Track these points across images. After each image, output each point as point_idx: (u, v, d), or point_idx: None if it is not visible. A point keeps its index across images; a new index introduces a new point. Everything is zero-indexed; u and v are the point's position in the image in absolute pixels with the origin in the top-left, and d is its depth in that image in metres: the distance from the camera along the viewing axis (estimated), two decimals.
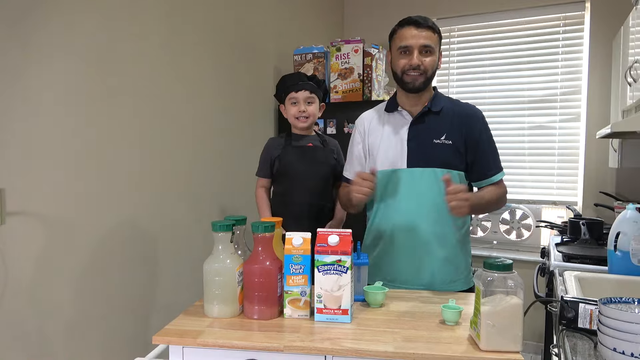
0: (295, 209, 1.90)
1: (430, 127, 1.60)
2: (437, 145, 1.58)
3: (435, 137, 1.59)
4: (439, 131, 1.59)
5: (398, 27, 1.60)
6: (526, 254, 3.17)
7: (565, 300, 1.21)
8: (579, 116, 3.14)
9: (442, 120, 1.60)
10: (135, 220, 1.84)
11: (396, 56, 1.60)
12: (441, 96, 1.67)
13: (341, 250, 1.21)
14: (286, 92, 1.92)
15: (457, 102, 1.68)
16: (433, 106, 1.61)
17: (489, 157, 1.62)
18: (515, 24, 3.30)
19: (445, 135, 1.58)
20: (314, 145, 1.96)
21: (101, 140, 1.69)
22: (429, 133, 1.60)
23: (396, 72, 1.61)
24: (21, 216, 1.44)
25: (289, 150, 1.94)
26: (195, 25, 2.13)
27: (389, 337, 1.11)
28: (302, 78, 1.92)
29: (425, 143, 1.59)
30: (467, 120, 1.61)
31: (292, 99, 1.91)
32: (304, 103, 1.90)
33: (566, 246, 2.21)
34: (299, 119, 1.91)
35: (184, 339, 1.13)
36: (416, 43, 1.54)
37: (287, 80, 1.94)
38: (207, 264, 1.27)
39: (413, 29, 1.55)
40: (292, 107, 1.91)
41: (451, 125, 1.59)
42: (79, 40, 1.60)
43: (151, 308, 1.92)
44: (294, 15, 3.05)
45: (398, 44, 1.58)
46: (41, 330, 1.50)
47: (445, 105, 1.63)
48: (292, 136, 1.97)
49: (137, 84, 1.83)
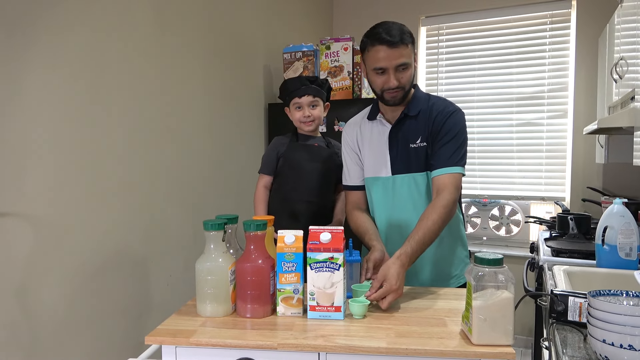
0: (296, 207, 1.90)
1: (407, 132, 1.58)
2: (413, 149, 1.57)
3: (412, 141, 1.57)
4: (415, 135, 1.57)
5: (368, 44, 1.50)
6: (515, 249, 3.20)
7: (555, 293, 1.22)
8: (566, 113, 3.18)
9: (418, 124, 1.58)
10: (127, 220, 1.83)
11: (371, 74, 1.53)
12: (420, 97, 1.62)
13: (333, 247, 1.21)
14: (290, 97, 1.92)
15: (435, 100, 1.62)
16: (410, 111, 1.58)
17: (444, 149, 1.53)
18: (503, 22, 3.33)
19: (420, 137, 1.57)
20: (319, 145, 1.97)
21: (91, 141, 1.67)
22: (406, 138, 1.58)
23: (374, 89, 1.56)
24: (11, 217, 1.42)
25: (296, 147, 1.94)
26: (183, 24, 2.12)
27: (382, 333, 1.12)
28: (304, 82, 1.92)
29: (403, 149, 1.58)
30: (436, 117, 1.56)
31: (296, 104, 1.91)
32: (308, 107, 1.91)
33: (555, 241, 2.24)
34: (305, 124, 1.92)
35: (176, 339, 1.12)
36: (391, 64, 1.47)
37: (289, 85, 1.94)
38: (199, 263, 1.27)
39: (386, 49, 1.45)
40: (297, 112, 1.92)
41: (424, 127, 1.57)
42: (71, 41, 1.58)
43: (143, 308, 1.91)
44: (283, 13, 3.04)
45: (372, 65, 1.50)
46: (32, 331, 1.48)
47: (422, 107, 1.59)
48: (298, 136, 1.97)
49: (127, 85, 1.82)
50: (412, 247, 1.38)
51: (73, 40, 1.60)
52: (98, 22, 1.69)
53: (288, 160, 1.93)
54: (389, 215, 1.62)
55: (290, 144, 1.95)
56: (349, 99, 2.65)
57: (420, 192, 1.58)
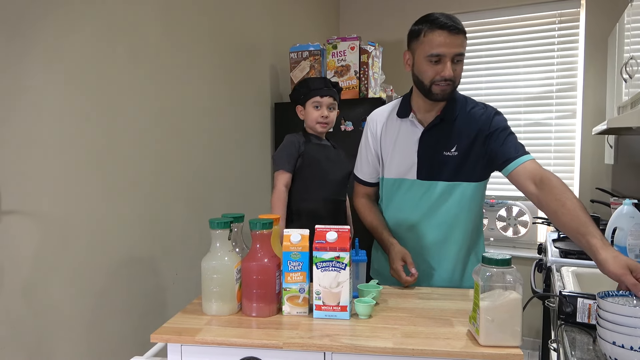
0: (314, 206, 1.91)
1: (441, 138, 1.51)
2: (446, 157, 1.50)
3: (445, 149, 1.49)
4: (450, 142, 1.49)
5: (427, 29, 1.41)
6: (523, 250, 3.18)
7: (563, 295, 1.21)
8: (574, 113, 3.15)
9: (454, 130, 1.50)
10: (132, 218, 1.83)
11: (423, 63, 1.43)
12: (458, 100, 1.54)
13: (339, 246, 1.21)
14: (310, 95, 1.92)
15: (473, 105, 1.55)
16: (446, 115, 1.51)
17: (507, 142, 1.45)
18: (511, 21, 3.30)
19: (456, 146, 1.49)
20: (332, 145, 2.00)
21: (97, 139, 1.68)
22: (439, 145, 1.50)
23: (422, 81, 1.45)
24: (17, 215, 1.43)
25: (313, 147, 1.94)
26: (190, 24, 2.12)
27: (388, 333, 1.11)
28: (328, 84, 1.94)
29: (435, 155, 1.51)
30: (480, 125, 1.49)
31: (316, 103, 1.91)
32: (327, 108, 1.91)
33: (563, 242, 2.22)
34: (320, 124, 1.92)
35: (182, 337, 1.12)
36: (450, 52, 1.38)
37: (311, 83, 1.94)
38: (204, 262, 1.26)
39: (446, 35, 1.37)
40: (315, 110, 1.92)
41: (462, 135, 1.49)
42: (77, 39, 1.58)
43: (149, 306, 1.91)
44: (290, 12, 3.04)
45: (428, 51, 1.40)
46: (38, 329, 1.49)
47: (459, 114, 1.51)
48: (310, 135, 1.98)
49: (133, 84, 1.82)
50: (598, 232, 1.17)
51: (79, 40, 1.61)
52: (106, 21, 1.70)
53: (309, 159, 1.91)
54: (404, 219, 1.58)
55: (309, 144, 1.95)
56: (355, 98, 2.64)
57: (446, 201, 1.52)
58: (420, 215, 1.56)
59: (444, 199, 1.53)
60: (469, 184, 1.52)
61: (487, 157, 1.49)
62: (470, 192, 1.53)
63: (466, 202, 1.54)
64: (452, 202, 1.53)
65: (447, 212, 1.54)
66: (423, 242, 1.57)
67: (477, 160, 1.50)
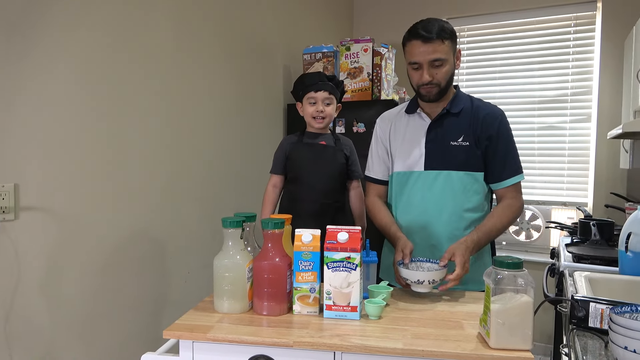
0: (303, 207, 1.90)
1: (448, 128, 1.59)
2: (454, 147, 1.57)
3: (453, 139, 1.57)
4: (457, 133, 1.57)
5: (406, 39, 1.54)
6: (535, 254, 3.15)
7: (575, 299, 1.20)
8: (589, 116, 3.12)
9: (461, 122, 1.58)
10: (147, 216, 1.85)
11: (408, 69, 1.57)
12: (462, 96, 1.63)
13: (350, 247, 1.21)
14: (305, 91, 1.92)
15: (479, 101, 1.64)
16: (452, 108, 1.59)
17: (504, 159, 1.58)
18: (526, 23, 3.28)
19: (463, 136, 1.57)
20: (326, 144, 1.96)
21: (113, 138, 1.70)
22: (447, 135, 1.58)
23: (411, 84, 1.60)
24: (34, 211, 1.46)
25: (299, 148, 1.94)
26: (204, 26, 2.15)
27: (398, 334, 1.11)
28: (322, 78, 1.92)
29: (443, 145, 1.58)
30: (484, 119, 1.57)
31: (311, 99, 1.91)
32: (322, 103, 1.91)
33: (576, 247, 2.20)
34: (316, 119, 1.92)
35: (194, 334, 1.14)
36: (424, 59, 1.49)
37: (306, 79, 1.94)
38: (217, 260, 1.28)
39: (420, 44, 1.49)
40: (310, 106, 1.92)
41: (469, 126, 1.57)
42: (94, 40, 1.61)
43: (162, 303, 1.94)
44: (303, 14, 3.05)
45: (408, 59, 1.55)
46: (53, 324, 1.52)
47: (465, 106, 1.60)
48: (305, 134, 1.97)
49: (148, 85, 1.85)
50: (478, 236, 1.47)
51: (94, 43, 1.64)
52: (121, 23, 1.73)
53: (292, 161, 1.94)
54: (416, 210, 1.60)
55: (296, 144, 1.95)
56: (368, 100, 2.65)
57: (454, 190, 1.57)
58: (429, 206, 1.59)
59: (452, 189, 1.57)
60: (475, 174, 1.58)
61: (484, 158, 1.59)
62: (477, 181, 1.58)
63: (473, 191, 1.58)
64: (459, 192, 1.57)
65: (455, 202, 1.57)
66: (432, 234, 1.59)
67: (480, 152, 1.58)
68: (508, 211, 1.57)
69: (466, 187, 1.57)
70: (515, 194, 1.60)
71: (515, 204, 1.59)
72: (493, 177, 1.60)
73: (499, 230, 1.55)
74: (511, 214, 1.58)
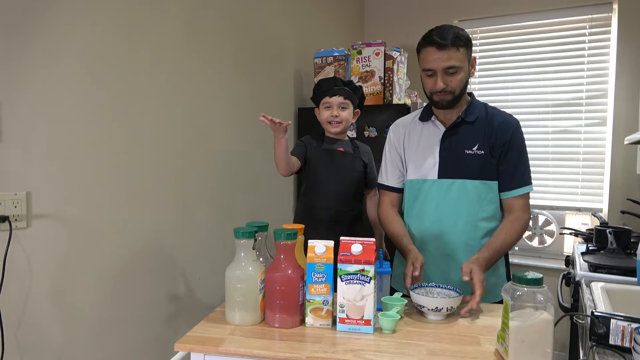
0: (318, 213, 1.88)
1: (462, 137, 1.57)
2: (468, 155, 1.55)
3: (467, 147, 1.56)
4: (471, 141, 1.56)
5: (421, 45, 1.53)
6: (549, 261, 3.10)
7: (596, 315, 1.17)
8: (605, 120, 3.06)
9: (475, 130, 1.57)
10: (159, 225, 1.85)
11: (422, 76, 1.55)
12: (477, 104, 1.62)
13: (364, 259, 1.19)
14: (321, 97, 1.91)
15: (494, 110, 1.63)
16: (467, 116, 1.57)
17: (514, 168, 1.56)
18: (540, 25, 3.23)
19: (478, 145, 1.55)
20: (344, 150, 1.94)
21: (124, 145, 1.70)
22: (461, 143, 1.57)
23: (425, 91, 1.58)
24: (46, 219, 1.45)
25: (318, 152, 1.93)
26: (216, 29, 2.14)
27: (414, 350, 1.09)
28: (338, 83, 1.91)
29: (457, 153, 1.56)
30: (499, 127, 1.56)
31: (326, 104, 1.90)
32: (337, 108, 1.90)
33: (592, 255, 2.15)
34: (331, 124, 1.91)
35: (205, 347, 1.13)
36: (439, 66, 1.48)
37: (322, 84, 1.93)
38: (229, 271, 1.27)
39: (435, 51, 1.47)
40: (325, 111, 1.91)
41: (484, 135, 1.56)
42: (102, 45, 1.61)
43: (173, 313, 1.93)
44: (315, 18, 3.03)
45: (422, 65, 1.53)
46: (65, 332, 1.51)
47: (480, 115, 1.58)
48: (324, 139, 1.96)
49: (159, 90, 1.84)
50: (489, 254, 1.47)
51: (103, 47, 1.63)
52: (130, 30, 1.72)
53: (309, 165, 1.92)
54: (430, 218, 1.59)
55: (315, 148, 1.93)
56: (379, 104, 2.62)
57: (469, 199, 1.55)
58: (443, 215, 1.57)
59: (466, 198, 1.55)
60: (490, 183, 1.56)
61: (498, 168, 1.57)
62: (492, 190, 1.57)
63: (488, 200, 1.56)
64: (474, 201, 1.55)
65: (470, 210, 1.55)
66: (447, 244, 1.57)
67: (495, 160, 1.56)
68: (517, 225, 1.55)
69: (481, 196, 1.56)
70: (523, 205, 1.58)
71: (523, 217, 1.57)
72: (502, 185, 1.57)
73: (508, 246, 1.55)
74: (520, 228, 1.56)
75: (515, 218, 1.55)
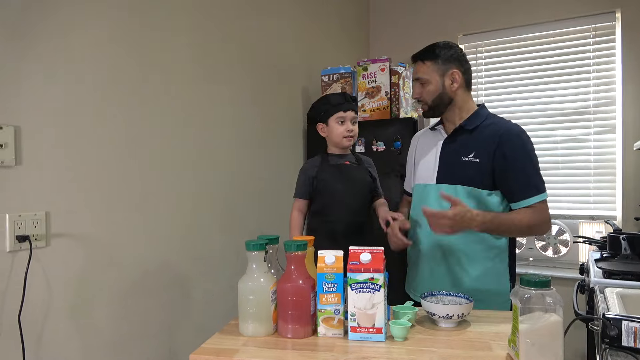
0: (333, 227, 1.91)
1: (460, 144, 1.62)
2: (464, 162, 1.59)
3: (464, 154, 1.60)
4: (469, 149, 1.60)
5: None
6: (564, 270, 3.07)
7: (607, 317, 1.17)
8: (614, 127, 3.06)
9: (474, 139, 1.60)
10: (172, 241, 1.89)
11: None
12: (482, 113, 1.65)
13: (374, 267, 1.21)
14: (332, 111, 1.94)
15: (497, 119, 1.65)
16: (467, 124, 1.62)
17: (520, 178, 1.55)
18: (543, 37, 3.26)
19: (474, 153, 1.58)
20: (350, 163, 1.98)
21: (138, 164, 1.75)
22: (459, 150, 1.61)
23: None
24: (65, 238, 1.50)
25: (326, 169, 1.96)
26: (223, 48, 2.20)
27: (425, 357, 1.10)
28: (348, 98, 1.96)
29: (454, 160, 1.62)
30: (499, 139, 1.56)
31: (340, 118, 1.94)
32: (351, 123, 1.94)
33: (606, 262, 2.14)
34: (347, 138, 1.94)
35: (220, 358, 1.14)
36: (415, 77, 1.67)
37: (332, 99, 1.97)
38: (241, 283, 1.29)
39: (415, 64, 1.68)
40: (340, 126, 1.94)
41: (482, 144, 1.58)
42: (117, 67, 1.67)
43: (187, 326, 1.95)
44: (321, 36, 3.10)
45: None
46: (83, 349, 1.54)
47: (481, 124, 1.61)
48: (329, 156, 1.99)
49: (169, 108, 1.90)
50: (491, 216, 1.50)
51: (113, 65, 1.69)
52: (145, 49, 1.79)
53: (321, 182, 1.95)
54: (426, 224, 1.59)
55: (322, 166, 1.96)
56: (386, 118, 2.66)
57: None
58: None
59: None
60: (484, 191, 1.57)
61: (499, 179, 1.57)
62: (483, 199, 1.57)
63: (480, 209, 1.56)
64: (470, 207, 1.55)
65: None
66: (446, 249, 1.60)
67: (493, 170, 1.57)
68: (532, 215, 1.54)
69: (471, 204, 1.56)
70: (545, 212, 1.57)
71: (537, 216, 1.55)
72: (511, 196, 1.58)
73: (515, 226, 1.53)
74: (534, 218, 1.54)
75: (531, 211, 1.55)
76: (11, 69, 1.35)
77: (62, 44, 1.49)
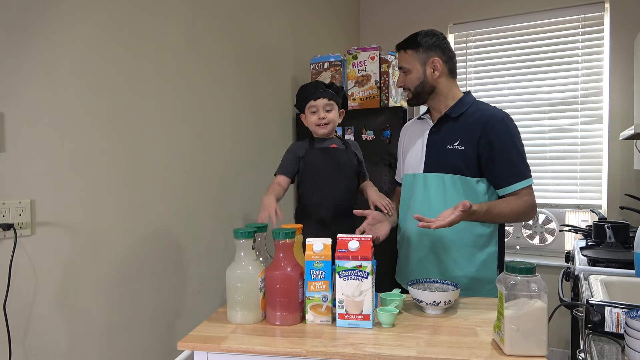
0: (320, 211, 1.90)
1: (445, 132, 1.62)
2: (449, 150, 1.59)
3: (450, 142, 1.60)
4: (454, 137, 1.60)
5: None
6: (550, 259, 3.12)
7: (591, 303, 1.19)
8: (601, 118, 3.09)
9: (459, 126, 1.60)
10: (160, 228, 1.88)
11: None
12: (467, 101, 1.64)
13: (362, 255, 1.22)
14: (305, 101, 1.94)
15: (482, 105, 1.65)
16: (452, 112, 1.62)
17: (504, 165, 1.55)
18: (533, 27, 3.27)
19: (459, 141, 1.58)
20: (337, 146, 1.97)
21: (127, 152, 1.73)
22: (445, 138, 1.62)
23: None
24: (50, 226, 1.48)
25: (313, 152, 1.95)
26: (212, 36, 2.18)
27: (412, 342, 1.11)
28: (320, 86, 1.94)
29: (440, 148, 1.62)
30: (485, 124, 1.56)
31: (312, 108, 1.93)
32: (323, 110, 1.92)
33: (591, 250, 2.17)
34: (320, 126, 1.93)
35: (208, 345, 1.15)
36: (399, 66, 1.68)
37: (305, 89, 1.96)
38: (229, 271, 1.29)
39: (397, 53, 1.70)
40: (312, 115, 1.93)
41: (467, 131, 1.58)
42: (103, 53, 1.65)
43: (176, 314, 1.95)
44: (310, 24, 3.08)
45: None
46: (71, 337, 1.54)
47: (466, 111, 1.61)
48: (315, 140, 1.99)
49: (159, 98, 1.88)
50: (481, 207, 1.48)
51: (107, 57, 1.67)
52: (134, 35, 1.76)
53: (307, 166, 1.94)
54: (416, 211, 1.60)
55: (309, 149, 1.96)
56: (376, 107, 2.65)
57: (447, 193, 1.59)
58: (424, 209, 1.59)
59: (444, 192, 1.59)
60: (472, 179, 1.58)
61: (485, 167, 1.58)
62: (471, 187, 1.58)
63: (469, 197, 1.56)
64: (453, 196, 1.58)
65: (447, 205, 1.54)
66: (435, 238, 1.61)
67: (479, 157, 1.57)
68: (519, 201, 1.54)
69: (459, 192, 1.58)
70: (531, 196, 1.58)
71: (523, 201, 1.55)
72: (497, 183, 1.58)
73: (503, 216, 1.54)
74: (521, 205, 1.54)
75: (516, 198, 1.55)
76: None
77: (44, 29, 1.46)
